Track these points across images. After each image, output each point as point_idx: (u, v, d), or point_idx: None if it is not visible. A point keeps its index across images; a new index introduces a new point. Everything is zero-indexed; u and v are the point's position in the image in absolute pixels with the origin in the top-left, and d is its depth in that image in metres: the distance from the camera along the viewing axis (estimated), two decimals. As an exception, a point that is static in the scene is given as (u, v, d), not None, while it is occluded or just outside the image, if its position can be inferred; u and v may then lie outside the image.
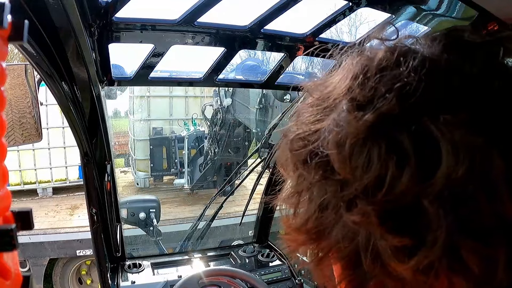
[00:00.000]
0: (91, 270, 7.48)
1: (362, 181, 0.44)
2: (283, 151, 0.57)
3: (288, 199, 0.56)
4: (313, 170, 0.50)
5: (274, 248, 3.08)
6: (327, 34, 1.64)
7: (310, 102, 0.56)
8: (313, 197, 0.51)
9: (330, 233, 0.49)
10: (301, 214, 0.53)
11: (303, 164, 0.52)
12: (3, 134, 0.33)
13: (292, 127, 0.56)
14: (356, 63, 0.51)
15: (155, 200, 3.71)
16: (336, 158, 0.47)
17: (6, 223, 0.33)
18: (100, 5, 1.25)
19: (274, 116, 5.33)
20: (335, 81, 0.53)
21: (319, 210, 0.50)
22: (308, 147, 0.51)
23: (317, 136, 0.50)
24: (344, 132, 0.46)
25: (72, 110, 1.53)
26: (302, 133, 0.53)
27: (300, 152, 0.52)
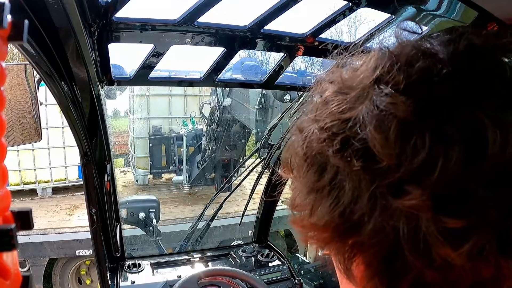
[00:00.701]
0: (91, 270, 7.48)
1: (411, 165, 0.43)
2: (298, 147, 0.55)
3: (304, 199, 0.54)
4: (348, 159, 0.47)
5: (273, 248, 3.08)
6: (327, 34, 1.64)
7: (330, 94, 0.53)
8: (344, 189, 0.48)
9: (364, 227, 0.46)
10: (323, 210, 0.50)
11: (335, 154, 0.48)
12: (3, 134, 0.33)
13: (309, 121, 0.54)
14: (381, 56, 0.51)
15: (154, 200, 3.71)
16: (380, 143, 0.44)
17: (6, 223, 0.33)
18: (100, 5, 1.25)
19: (274, 116, 5.33)
20: (359, 72, 0.52)
21: (352, 203, 0.47)
22: (338, 136, 0.48)
23: (351, 123, 0.47)
24: (388, 116, 0.45)
25: (72, 110, 1.53)
26: (330, 122, 0.50)
27: (329, 142, 0.49)
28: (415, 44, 0.50)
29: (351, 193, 0.47)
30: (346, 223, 0.48)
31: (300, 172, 0.55)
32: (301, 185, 0.55)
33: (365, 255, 0.49)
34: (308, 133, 0.53)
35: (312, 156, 0.52)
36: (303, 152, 0.53)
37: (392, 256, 0.46)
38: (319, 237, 0.53)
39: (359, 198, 0.46)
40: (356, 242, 0.49)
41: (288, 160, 0.59)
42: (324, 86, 0.56)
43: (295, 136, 0.57)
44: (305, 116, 0.56)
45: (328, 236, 0.51)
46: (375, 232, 0.46)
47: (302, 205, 0.54)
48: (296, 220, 0.56)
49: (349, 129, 0.47)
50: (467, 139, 0.42)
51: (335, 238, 0.51)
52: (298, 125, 0.56)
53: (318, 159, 0.51)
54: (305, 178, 0.53)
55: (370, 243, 0.47)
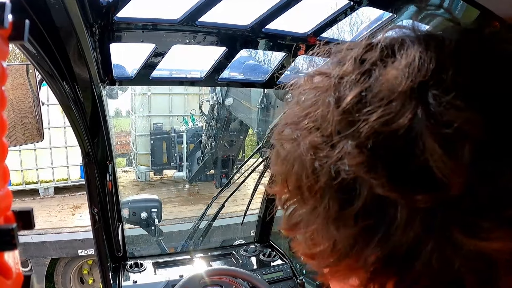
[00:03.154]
0: (93, 270, 7.50)
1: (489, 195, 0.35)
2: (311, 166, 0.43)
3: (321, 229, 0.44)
4: (403, 188, 0.37)
5: (275, 248, 3.08)
6: (328, 33, 1.64)
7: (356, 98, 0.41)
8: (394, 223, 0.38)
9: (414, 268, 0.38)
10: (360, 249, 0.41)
11: (380, 182, 0.38)
12: (5, 134, 0.33)
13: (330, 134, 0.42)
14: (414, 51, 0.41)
15: (156, 199, 3.71)
16: (450, 169, 0.35)
17: (7, 222, 0.33)
18: (101, 4, 1.25)
19: (276, 116, 5.32)
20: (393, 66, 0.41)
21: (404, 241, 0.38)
22: (385, 158, 0.38)
23: (403, 141, 0.37)
24: (459, 135, 0.35)
25: (74, 110, 1.53)
26: (371, 139, 0.38)
27: (372, 166, 0.38)
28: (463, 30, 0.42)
29: (404, 227, 0.37)
30: (392, 261, 0.40)
31: (307, 193, 0.44)
32: (310, 208, 0.45)
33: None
34: (334, 153, 0.41)
35: (338, 181, 0.41)
36: (323, 175, 0.42)
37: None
38: (350, 277, 0.45)
39: (412, 231, 0.37)
40: (402, 281, 0.41)
41: (284, 175, 0.48)
42: (328, 84, 0.45)
43: (300, 148, 0.45)
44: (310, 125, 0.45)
45: (365, 278, 0.43)
46: (428, 268, 0.38)
47: (315, 236, 0.45)
48: (311, 253, 0.47)
49: (401, 147, 0.37)
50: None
51: (375, 278, 0.42)
52: (309, 138, 0.44)
53: (346, 186, 0.40)
54: (322, 206, 0.43)
55: (420, 281, 0.39)
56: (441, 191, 0.36)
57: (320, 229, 0.44)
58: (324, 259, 0.45)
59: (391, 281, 0.41)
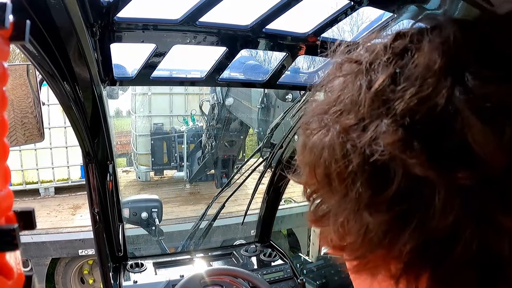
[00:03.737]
0: (93, 270, 7.49)
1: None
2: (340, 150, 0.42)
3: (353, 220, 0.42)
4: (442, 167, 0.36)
5: (276, 248, 3.08)
6: (328, 33, 1.64)
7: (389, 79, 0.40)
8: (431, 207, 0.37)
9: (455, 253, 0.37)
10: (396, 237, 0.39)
11: (419, 161, 0.36)
12: (5, 134, 0.33)
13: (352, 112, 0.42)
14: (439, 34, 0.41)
15: (157, 199, 3.71)
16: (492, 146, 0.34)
17: (9, 223, 0.33)
18: (101, 5, 1.25)
19: (276, 116, 5.32)
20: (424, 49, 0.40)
21: (442, 223, 0.36)
22: (425, 134, 0.37)
23: (441, 116, 0.36)
24: (501, 111, 0.35)
25: (74, 110, 1.53)
26: (408, 115, 0.37)
27: (409, 143, 0.37)
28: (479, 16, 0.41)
29: (442, 211, 0.36)
30: (429, 250, 0.38)
31: (336, 181, 0.43)
32: (339, 197, 0.43)
33: (450, 285, 0.40)
34: (368, 133, 0.40)
35: (372, 162, 0.39)
36: (356, 157, 0.40)
37: (488, 279, 0.38)
38: (383, 269, 0.43)
39: (451, 214, 0.36)
40: (439, 272, 0.39)
41: (311, 165, 0.46)
42: (359, 69, 0.44)
43: (329, 134, 0.44)
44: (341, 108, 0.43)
45: (399, 270, 0.41)
46: (468, 253, 0.37)
47: (345, 224, 0.43)
48: (338, 245, 0.46)
49: (438, 123, 0.36)
50: None
51: (411, 269, 0.40)
52: (341, 121, 0.43)
53: (380, 167, 0.39)
54: (353, 192, 0.41)
55: (458, 270, 0.38)
56: (482, 169, 0.34)
57: (351, 218, 0.42)
58: (354, 250, 0.43)
59: (425, 274, 0.40)
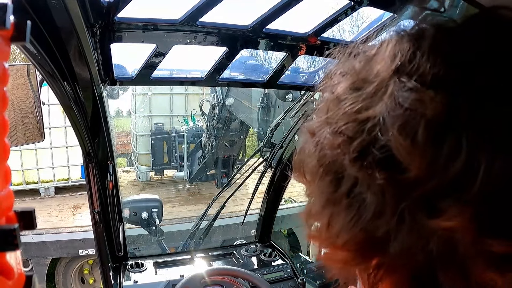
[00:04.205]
0: (94, 270, 7.49)
1: (444, 176, 0.36)
2: (310, 153, 0.48)
3: (320, 210, 0.47)
4: (368, 169, 0.40)
5: (276, 248, 3.08)
6: (329, 33, 1.64)
7: (343, 90, 0.45)
8: (365, 203, 0.41)
9: (390, 246, 0.40)
10: (342, 227, 0.44)
11: (352, 164, 0.41)
12: (6, 134, 0.33)
13: (320, 122, 0.47)
14: (400, 41, 0.44)
15: (157, 199, 3.71)
16: (406, 150, 0.37)
17: (9, 223, 0.33)
18: (102, 5, 1.25)
19: (276, 116, 5.32)
20: (374, 62, 0.45)
21: (375, 218, 0.40)
22: (355, 141, 0.41)
23: (370, 126, 0.40)
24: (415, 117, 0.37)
25: (74, 110, 1.53)
26: (344, 125, 0.42)
27: (345, 149, 0.42)
28: (437, 24, 0.45)
29: (374, 207, 0.40)
30: (369, 242, 0.42)
31: (314, 179, 0.49)
32: (316, 192, 0.49)
33: (393, 277, 0.44)
34: (320, 138, 0.46)
35: (326, 164, 0.45)
36: (316, 159, 0.47)
37: (423, 279, 0.41)
38: (338, 257, 0.47)
39: (383, 214, 0.40)
40: (382, 263, 0.43)
41: (300, 164, 0.52)
42: (335, 80, 0.49)
43: (306, 139, 0.50)
44: (316, 115, 0.50)
45: (349, 256, 0.45)
46: (402, 252, 0.40)
47: (318, 216, 0.49)
48: (313, 234, 0.51)
49: (367, 133, 0.40)
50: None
51: (357, 258, 0.45)
52: (309, 127, 0.49)
53: (333, 167, 0.45)
54: (320, 187, 0.47)
55: (397, 264, 0.42)
56: (401, 172, 0.38)
57: (319, 210, 0.48)
58: (323, 239, 0.48)
59: (373, 261, 0.44)
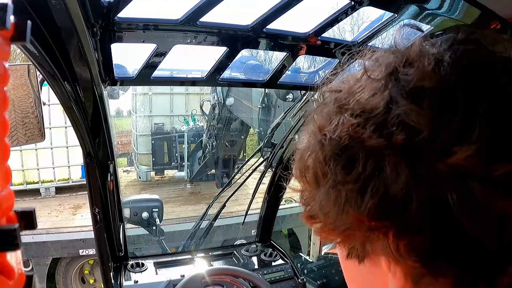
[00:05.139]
0: (94, 270, 7.50)
1: (450, 128, 0.43)
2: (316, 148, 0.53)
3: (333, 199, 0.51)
4: (387, 136, 0.46)
5: (277, 248, 3.08)
6: (329, 33, 1.64)
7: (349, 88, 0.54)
8: (383, 171, 0.46)
9: (409, 206, 0.44)
10: (361, 200, 0.48)
11: (371, 134, 0.47)
12: (6, 134, 0.33)
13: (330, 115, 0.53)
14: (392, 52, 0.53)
15: (158, 199, 3.71)
16: (416, 114, 0.45)
17: (9, 223, 0.33)
18: (102, 5, 1.25)
19: (277, 116, 5.33)
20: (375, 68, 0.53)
21: (394, 183, 0.45)
22: (373, 116, 0.48)
23: (384, 103, 0.48)
24: (420, 89, 0.46)
25: (75, 110, 1.53)
26: (361, 107, 0.49)
27: (364, 124, 0.48)
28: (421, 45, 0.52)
29: (392, 172, 0.45)
30: (390, 206, 0.46)
31: (321, 176, 0.53)
32: (324, 189, 0.53)
33: (415, 237, 0.46)
34: (334, 125, 0.51)
35: (340, 148, 0.50)
36: (329, 148, 0.51)
37: (445, 230, 0.44)
38: (359, 229, 0.50)
39: (401, 176, 0.45)
40: (403, 225, 0.46)
41: (302, 172, 0.57)
42: (338, 87, 0.56)
43: (311, 140, 0.55)
44: (317, 119, 0.55)
45: (370, 227, 0.49)
46: (422, 205, 0.44)
47: (330, 206, 0.52)
48: (324, 225, 0.55)
49: (383, 108, 0.47)
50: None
51: (377, 225, 0.48)
52: (316, 126, 0.55)
53: (347, 150, 0.49)
54: (331, 178, 0.51)
55: (418, 222, 0.45)
56: (415, 134, 0.44)
57: (332, 197, 0.51)
58: (338, 223, 0.52)
59: (393, 228, 0.47)
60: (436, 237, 0.44)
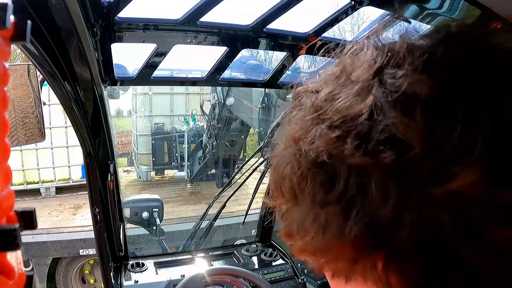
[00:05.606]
0: (94, 270, 7.49)
1: (448, 144, 0.38)
2: (293, 162, 0.47)
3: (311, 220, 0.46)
4: (373, 153, 0.40)
5: (277, 247, 3.08)
6: (329, 33, 1.64)
7: (329, 92, 0.47)
8: (369, 192, 0.40)
9: (399, 231, 0.40)
10: (345, 225, 0.42)
11: (354, 152, 0.41)
12: (6, 134, 0.33)
13: (307, 125, 0.47)
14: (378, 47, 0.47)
15: (158, 199, 3.71)
16: (407, 127, 0.39)
17: (10, 222, 0.33)
18: (102, 5, 1.25)
19: (277, 115, 5.33)
20: (357, 64, 0.47)
21: (382, 206, 0.40)
22: (354, 129, 0.42)
23: (368, 113, 0.41)
24: (411, 97, 0.40)
25: (75, 110, 1.53)
26: (341, 118, 0.43)
27: (344, 139, 0.42)
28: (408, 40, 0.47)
29: (380, 194, 0.40)
30: (377, 233, 0.41)
31: (298, 191, 0.47)
32: (303, 205, 0.47)
33: (406, 265, 0.42)
34: (311, 138, 0.45)
35: (317, 164, 0.44)
36: (305, 162, 0.46)
37: (439, 257, 0.41)
38: (343, 259, 0.45)
39: (389, 198, 0.40)
40: (393, 252, 0.42)
41: (277, 184, 0.51)
42: (316, 87, 0.50)
43: (286, 152, 0.49)
44: (297, 121, 0.50)
45: (357, 254, 0.44)
46: (414, 232, 0.40)
47: (308, 228, 0.47)
48: (303, 247, 0.49)
49: (367, 119, 0.41)
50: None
51: (366, 253, 0.43)
52: (291, 135, 0.49)
53: (326, 166, 0.44)
54: (308, 196, 0.46)
55: (410, 249, 0.41)
56: (405, 150, 0.39)
57: (309, 217, 0.46)
58: (319, 247, 0.47)
59: (381, 255, 0.43)
60: (430, 266, 0.41)
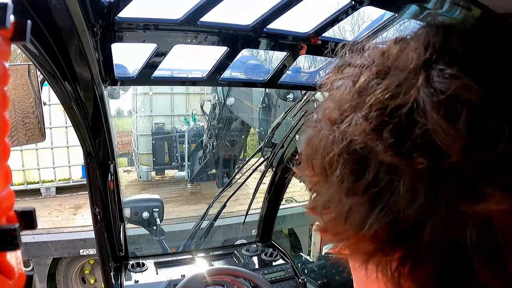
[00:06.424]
0: (95, 270, 7.50)
1: (487, 161, 0.36)
2: (328, 141, 0.47)
3: (337, 202, 0.46)
4: (407, 155, 0.39)
5: (277, 247, 3.08)
6: (329, 33, 1.64)
7: (369, 78, 0.45)
8: (397, 191, 0.40)
9: (420, 235, 0.39)
10: (368, 217, 0.42)
11: (386, 149, 0.40)
12: (7, 134, 0.33)
13: (345, 109, 0.46)
14: (431, 30, 0.45)
15: (158, 199, 3.71)
16: (448, 135, 0.37)
17: (10, 222, 0.33)
18: (102, 5, 1.25)
19: (277, 115, 5.33)
20: (405, 52, 0.44)
21: (408, 207, 0.39)
22: (390, 126, 0.40)
23: (407, 110, 0.40)
24: (458, 102, 0.37)
25: (75, 110, 1.53)
26: (378, 110, 0.41)
27: (378, 134, 0.41)
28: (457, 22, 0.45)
29: (407, 195, 0.39)
30: (398, 232, 0.41)
31: (329, 171, 0.47)
32: (331, 186, 0.47)
33: (420, 269, 0.42)
34: (345, 125, 0.45)
35: (351, 151, 0.44)
36: (338, 147, 0.45)
37: (455, 269, 0.40)
38: (360, 249, 0.45)
39: (416, 201, 0.39)
40: (409, 254, 0.42)
41: (309, 157, 0.51)
42: (353, 72, 0.49)
43: (322, 128, 0.49)
44: (335, 104, 0.48)
45: (374, 248, 0.44)
46: (433, 241, 0.39)
47: (332, 210, 0.47)
48: (327, 227, 0.49)
49: (406, 116, 0.40)
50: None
51: (383, 249, 0.43)
52: (328, 115, 0.48)
53: (359, 155, 0.43)
54: (337, 179, 0.45)
55: (425, 255, 0.40)
56: (441, 157, 0.37)
57: (335, 200, 0.46)
58: (339, 231, 0.47)
59: (397, 255, 0.43)
60: (443, 275, 0.40)
